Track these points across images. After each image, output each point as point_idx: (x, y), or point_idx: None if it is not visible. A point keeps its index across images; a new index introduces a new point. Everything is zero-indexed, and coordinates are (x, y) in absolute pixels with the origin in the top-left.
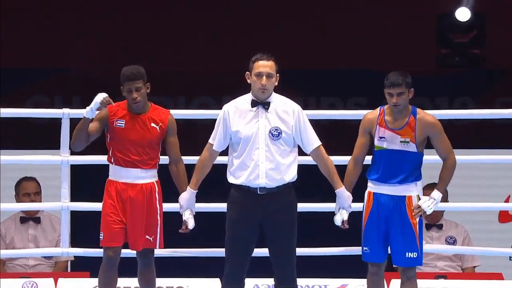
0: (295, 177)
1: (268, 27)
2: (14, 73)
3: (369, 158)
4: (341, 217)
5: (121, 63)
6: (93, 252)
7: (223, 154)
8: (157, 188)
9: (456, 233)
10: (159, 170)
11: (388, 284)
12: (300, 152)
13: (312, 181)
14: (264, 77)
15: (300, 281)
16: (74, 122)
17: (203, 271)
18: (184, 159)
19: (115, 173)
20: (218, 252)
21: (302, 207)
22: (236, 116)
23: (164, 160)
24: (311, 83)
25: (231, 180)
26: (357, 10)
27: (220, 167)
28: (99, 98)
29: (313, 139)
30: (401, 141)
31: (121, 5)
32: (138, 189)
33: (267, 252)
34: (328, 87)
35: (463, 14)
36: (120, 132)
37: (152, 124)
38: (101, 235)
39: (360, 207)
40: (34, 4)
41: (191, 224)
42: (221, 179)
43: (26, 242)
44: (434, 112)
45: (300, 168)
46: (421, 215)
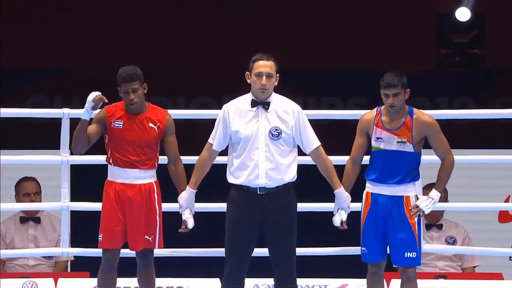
0: (295, 177)
1: (268, 27)
2: (14, 73)
3: (367, 158)
4: (340, 218)
5: (121, 63)
6: (93, 252)
7: (223, 154)
8: (156, 189)
9: (456, 233)
10: (159, 170)
11: (388, 284)
12: (300, 152)
13: (312, 181)
14: (264, 77)
15: (300, 281)
16: (74, 122)
17: (203, 271)
18: (184, 159)
19: (114, 174)
20: (218, 252)
21: (302, 207)
22: (236, 116)
23: (163, 160)
24: (311, 83)
25: (231, 180)
26: (357, 10)
27: (220, 167)
28: (91, 97)
29: (313, 140)
30: (398, 142)
31: (121, 5)
32: (137, 190)
33: (267, 252)
34: (328, 87)
35: (463, 14)
36: (118, 133)
37: (150, 124)
38: (100, 237)
39: (360, 207)
40: (34, 4)
41: (191, 224)
42: (221, 179)
43: (26, 242)
44: (434, 112)
45: (300, 168)
46: (420, 215)
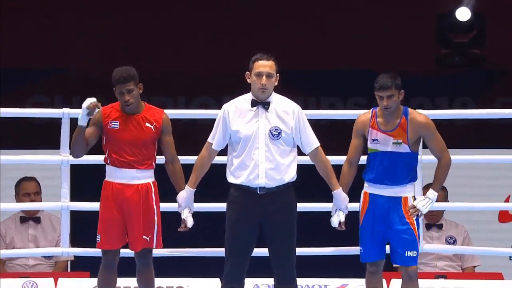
0: (295, 177)
1: (268, 27)
2: (14, 73)
3: (365, 158)
4: (338, 219)
5: (121, 63)
6: (93, 252)
7: (223, 154)
8: (154, 189)
9: (456, 233)
10: (157, 170)
11: (388, 284)
12: (300, 152)
13: (312, 181)
14: (264, 77)
15: (300, 281)
16: (74, 122)
17: (203, 271)
18: (184, 159)
19: (111, 174)
20: (218, 252)
21: (302, 207)
22: (236, 116)
23: (161, 160)
24: (311, 83)
25: (231, 180)
26: (357, 10)
27: (219, 167)
28: (86, 104)
29: (312, 140)
30: (394, 143)
31: (121, 5)
32: (134, 190)
33: (267, 252)
34: (328, 87)
35: (463, 14)
36: (114, 134)
37: (147, 124)
38: (98, 237)
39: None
40: (34, 4)
41: (190, 223)
42: (221, 179)
43: (26, 242)
44: (434, 112)
45: (300, 168)
46: (418, 215)
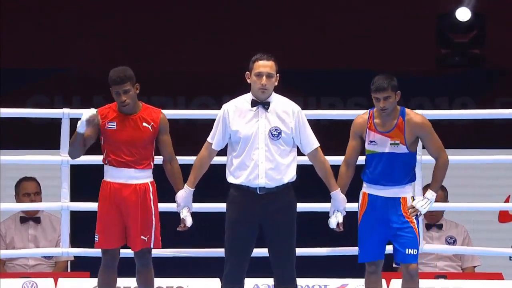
0: (295, 177)
1: (268, 27)
2: (14, 73)
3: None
4: (336, 220)
5: (121, 63)
6: (93, 252)
7: (223, 154)
8: (152, 189)
9: (456, 233)
10: (155, 170)
11: (388, 284)
12: (300, 153)
13: (311, 181)
14: (264, 77)
15: (300, 281)
16: (74, 122)
17: (203, 271)
18: (184, 159)
19: (109, 174)
20: (218, 252)
21: (302, 207)
22: (236, 116)
23: (159, 160)
24: (311, 83)
25: (231, 180)
26: (357, 10)
27: (219, 167)
28: (86, 116)
29: (312, 140)
30: (391, 144)
31: (121, 5)
32: (132, 190)
33: (267, 252)
34: (328, 87)
35: (463, 14)
36: (112, 134)
37: (144, 124)
38: (96, 237)
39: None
40: (34, 4)
41: (189, 222)
42: (220, 179)
43: (26, 242)
44: (434, 112)
45: (300, 168)
46: (417, 215)
